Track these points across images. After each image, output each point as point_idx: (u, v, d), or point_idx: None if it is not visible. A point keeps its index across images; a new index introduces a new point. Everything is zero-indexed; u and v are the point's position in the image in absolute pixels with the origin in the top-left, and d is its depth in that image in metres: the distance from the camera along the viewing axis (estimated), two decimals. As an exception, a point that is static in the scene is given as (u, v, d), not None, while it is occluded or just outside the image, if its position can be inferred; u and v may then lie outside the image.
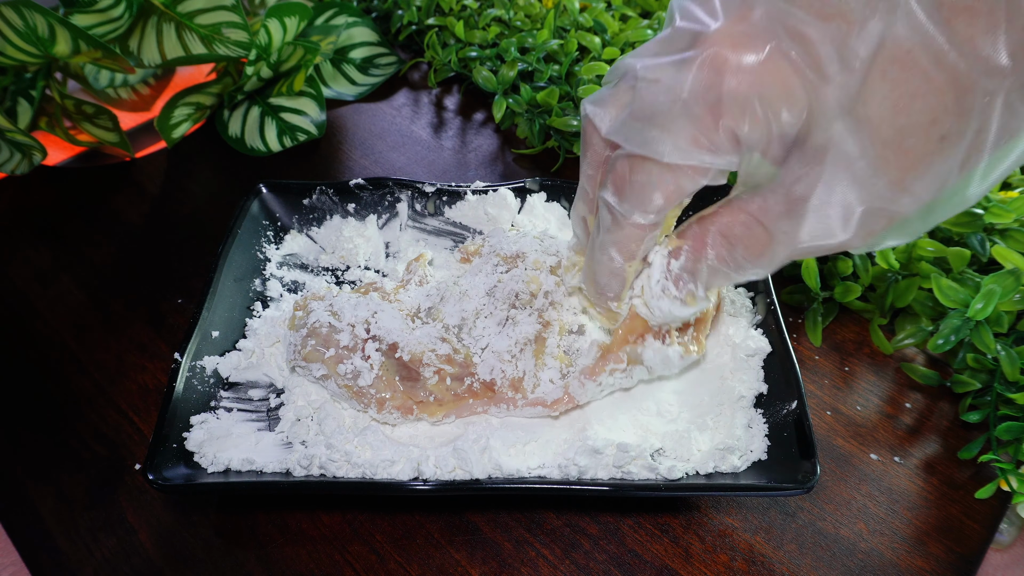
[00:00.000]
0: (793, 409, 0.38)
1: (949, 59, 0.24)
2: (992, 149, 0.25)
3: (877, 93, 0.25)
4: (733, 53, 0.26)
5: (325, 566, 0.37)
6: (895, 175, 0.26)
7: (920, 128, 0.25)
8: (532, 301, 0.40)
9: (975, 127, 0.25)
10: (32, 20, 0.50)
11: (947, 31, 0.23)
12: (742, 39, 0.26)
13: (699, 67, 0.26)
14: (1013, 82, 0.24)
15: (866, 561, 0.38)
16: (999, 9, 0.23)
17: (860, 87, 0.25)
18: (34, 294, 0.51)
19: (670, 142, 0.27)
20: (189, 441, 0.38)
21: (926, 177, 0.26)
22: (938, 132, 0.25)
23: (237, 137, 0.62)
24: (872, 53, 0.24)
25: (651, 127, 0.28)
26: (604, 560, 0.38)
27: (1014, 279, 0.41)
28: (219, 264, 0.45)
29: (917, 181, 0.26)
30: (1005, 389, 0.42)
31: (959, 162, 0.25)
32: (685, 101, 0.27)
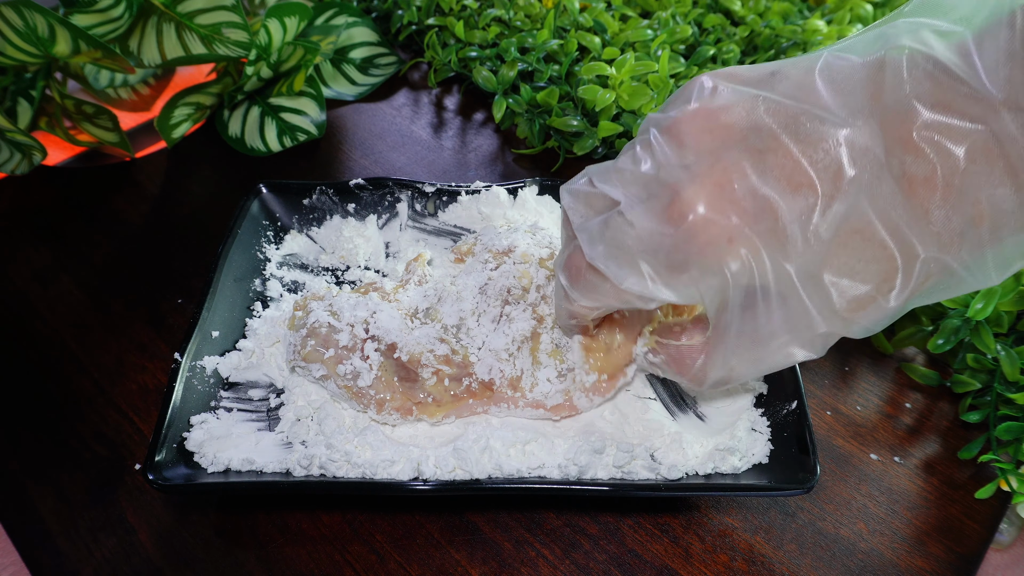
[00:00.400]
0: (793, 409, 0.38)
1: (905, 231, 0.26)
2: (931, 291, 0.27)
3: (836, 260, 0.27)
4: (706, 222, 0.27)
5: (325, 566, 0.37)
6: (846, 318, 0.28)
7: (873, 286, 0.27)
8: (525, 296, 0.40)
9: (919, 280, 0.27)
10: (32, 20, 0.50)
11: (907, 204, 0.25)
12: (716, 208, 0.27)
13: (674, 231, 0.27)
14: (959, 248, 0.26)
15: (866, 561, 0.38)
16: (954, 182, 0.24)
17: (822, 257, 0.27)
18: (34, 294, 0.51)
19: (629, 279, 0.29)
20: (189, 441, 0.38)
21: (868, 315, 0.28)
22: (887, 287, 0.27)
23: (237, 137, 0.62)
24: (836, 228, 0.26)
25: (616, 261, 0.29)
26: (604, 560, 0.38)
27: (1014, 279, 0.41)
28: (219, 264, 0.45)
29: (863, 319, 0.28)
30: (1005, 389, 0.42)
31: (901, 302, 0.27)
32: (654, 256, 0.28)
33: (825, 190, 0.26)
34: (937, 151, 0.24)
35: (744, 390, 0.41)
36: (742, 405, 0.41)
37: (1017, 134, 0.23)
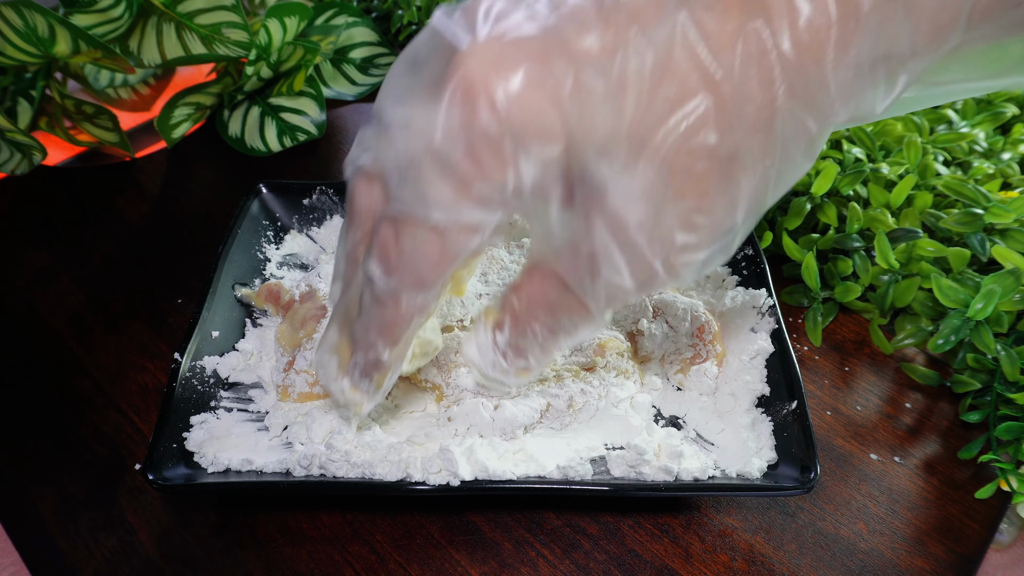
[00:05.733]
0: (793, 409, 0.38)
1: (721, 76, 0.21)
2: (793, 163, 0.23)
3: (657, 116, 0.22)
4: (487, 80, 0.22)
5: (325, 566, 0.37)
6: (689, 204, 0.23)
7: (705, 151, 0.22)
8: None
9: (760, 143, 0.22)
10: (32, 20, 0.50)
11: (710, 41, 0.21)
12: (500, 61, 0.22)
13: (449, 102, 0.22)
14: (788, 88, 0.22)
15: (866, 561, 0.38)
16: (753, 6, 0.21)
17: (639, 116, 0.22)
18: (34, 294, 0.51)
19: (434, 197, 0.23)
20: (189, 441, 0.38)
21: (724, 200, 0.23)
22: (725, 153, 0.22)
23: (237, 137, 0.62)
24: (648, 75, 0.21)
25: (409, 182, 0.24)
26: (604, 560, 0.38)
27: (1014, 279, 0.41)
28: (219, 264, 0.45)
29: (715, 207, 0.23)
30: (1005, 389, 0.42)
31: (759, 178, 0.23)
32: (438, 146, 0.23)
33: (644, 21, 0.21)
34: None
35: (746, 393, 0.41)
36: (746, 407, 0.41)
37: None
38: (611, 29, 0.21)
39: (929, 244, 0.46)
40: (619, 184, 0.22)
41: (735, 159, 0.22)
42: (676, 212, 0.23)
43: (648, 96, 0.22)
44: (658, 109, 0.22)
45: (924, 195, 0.50)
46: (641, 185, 0.22)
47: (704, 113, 0.22)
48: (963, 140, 0.56)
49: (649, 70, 0.21)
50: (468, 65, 0.22)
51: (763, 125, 0.22)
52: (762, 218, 0.54)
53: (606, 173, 0.22)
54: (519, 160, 0.22)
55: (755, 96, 0.22)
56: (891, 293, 0.47)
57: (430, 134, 0.23)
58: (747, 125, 0.22)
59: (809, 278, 0.49)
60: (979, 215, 0.46)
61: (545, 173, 0.23)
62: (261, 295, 0.45)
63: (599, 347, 0.40)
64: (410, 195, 0.24)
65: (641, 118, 0.22)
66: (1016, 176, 0.54)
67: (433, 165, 0.23)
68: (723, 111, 0.22)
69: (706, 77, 0.21)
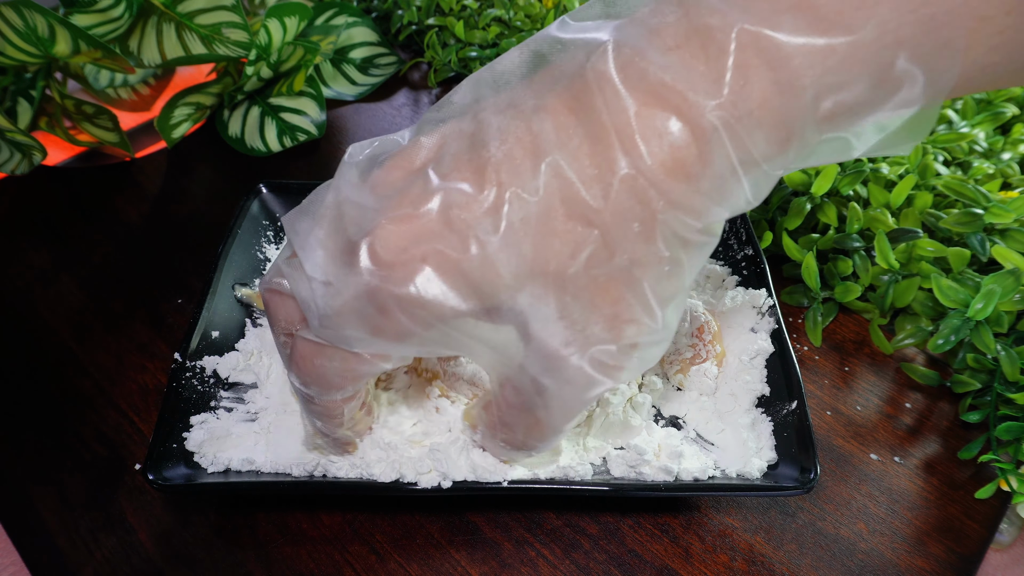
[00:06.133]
0: (793, 409, 0.38)
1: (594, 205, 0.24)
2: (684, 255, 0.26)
3: (553, 251, 0.25)
4: (393, 263, 0.25)
5: (325, 566, 0.37)
6: (608, 313, 0.26)
7: (603, 270, 0.25)
8: None
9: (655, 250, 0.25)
10: (32, 20, 0.50)
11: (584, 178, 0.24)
12: (400, 246, 0.25)
13: (362, 274, 0.25)
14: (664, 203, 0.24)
15: (866, 561, 0.38)
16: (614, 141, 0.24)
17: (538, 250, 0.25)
18: (34, 294, 0.51)
19: (352, 337, 0.27)
20: (189, 441, 0.38)
21: (639, 303, 0.26)
22: (624, 263, 0.25)
23: (237, 137, 0.62)
24: (538, 209, 0.24)
25: (330, 328, 0.27)
26: (604, 560, 0.38)
27: (1014, 279, 0.41)
28: (219, 264, 0.45)
29: (630, 310, 0.26)
30: (1005, 389, 0.42)
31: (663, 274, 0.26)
32: (356, 305, 0.26)
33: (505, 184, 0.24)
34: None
35: (747, 393, 0.41)
36: (746, 407, 0.41)
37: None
38: (491, 186, 0.24)
39: (929, 244, 0.46)
40: (537, 313, 0.26)
41: (635, 265, 0.25)
42: (598, 323, 0.26)
43: (540, 236, 0.24)
44: (553, 245, 0.25)
45: (924, 195, 0.50)
46: (556, 310, 0.25)
47: (594, 239, 0.24)
48: (963, 140, 0.56)
49: (535, 214, 0.24)
50: (374, 245, 0.25)
51: (649, 235, 0.25)
52: (762, 218, 0.54)
53: (523, 306, 0.25)
54: (435, 320, 0.26)
55: (636, 214, 0.24)
56: (891, 293, 0.47)
57: (346, 294, 0.26)
58: (635, 239, 0.25)
59: (809, 278, 0.49)
60: (979, 215, 0.46)
61: (460, 319, 0.26)
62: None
63: None
64: (331, 335, 0.27)
65: (539, 255, 0.25)
66: (1016, 176, 0.54)
67: (350, 316, 0.26)
68: (609, 234, 0.24)
69: (588, 210, 0.24)
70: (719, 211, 0.25)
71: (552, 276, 0.25)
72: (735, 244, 0.48)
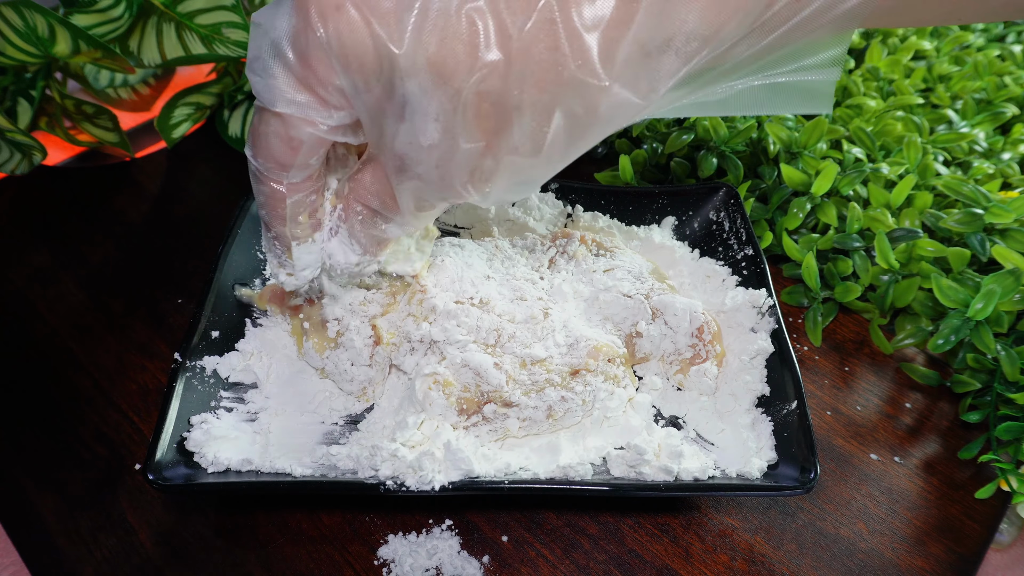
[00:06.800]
0: (793, 409, 0.38)
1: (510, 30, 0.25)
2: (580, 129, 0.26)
3: (454, 54, 0.25)
4: (318, 2, 0.26)
5: (325, 566, 0.37)
6: (476, 136, 0.27)
7: (493, 95, 0.26)
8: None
9: (546, 100, 0.26)
10: (32, 20, 0.50)
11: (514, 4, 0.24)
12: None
13: (288, 11, 0.27)
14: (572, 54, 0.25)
15: (866, 561, 0.38)
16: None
17: (437, 50, 0.25)
18: (34, 294, 0.51)
19: (275, 89, 0.28)
20: (189, 441, 0.38)
21: (507, 143, 0.27)
22: (511, 103, 0.26)
23: (237, 137, 0.62)
24: (450, 18, 0.25)
25: (259, 75, 0.28)
26: (604, 560, 0.38)
27: (1014, 279, 0.41)
28: (219, 264, 0.45)
29: (499, 146, 0.27)
30: (1005, 389, 0.42)
31: (541, 135, 0.27)
32: (278, 47, 0.27)
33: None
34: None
35: (747, 393, 0.41)
36: (747, 407, 0.41)
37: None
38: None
39: (929, 244, 0.46)
40: (419, 103, 0.26)
41: (520, 109, 0.26)
42: (465, 141, 0.27)
43: (448, 35, 0.25)
44: (455, 48, 0.25)
45: (924, 195, 0.50)
46: (436, 109, 0.26)
47: (494, 62, 0.25)
48: (963, 140, 0.56)
49: (453, 11, 0.25)
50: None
51: (547, 87, 0.25)
52: (762, 218, 0.54)
53: (410, 91, 0.26)
54: (339, 66, 0.26)
55: (542, 59, 0.25)
56: (891, 293, 0.47)
57: (273, 36, 0.27)
58: (532, 84, 0.25)
59: (809, 278, 0.49)
60: (979, 215, 0.46)
61: (365, 81, 0.27)
62: (265, 296, 0.45)
63: (593, 349, 0.39)
64: (260, 86, 0.28)
65: (440, 53, 0.25)
66: (1016, 176, 0.54)
67: (273, 61, 0.27)
68: (510, 64, 0.25)
69: (502, 32, 0.25)
70: (622, 92, 0.25)
71: (444, 77, 0.26)
72: (735, 244, 0.48)
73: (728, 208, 0.49)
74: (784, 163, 0.53)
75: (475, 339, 0.39)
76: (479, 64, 0.25)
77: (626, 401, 0.40)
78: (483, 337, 0.39)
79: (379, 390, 0.41)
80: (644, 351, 0.43)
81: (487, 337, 0.39)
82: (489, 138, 0.27)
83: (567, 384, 0.39)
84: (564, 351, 0.39)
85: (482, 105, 0.26)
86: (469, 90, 0.26)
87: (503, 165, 0.28)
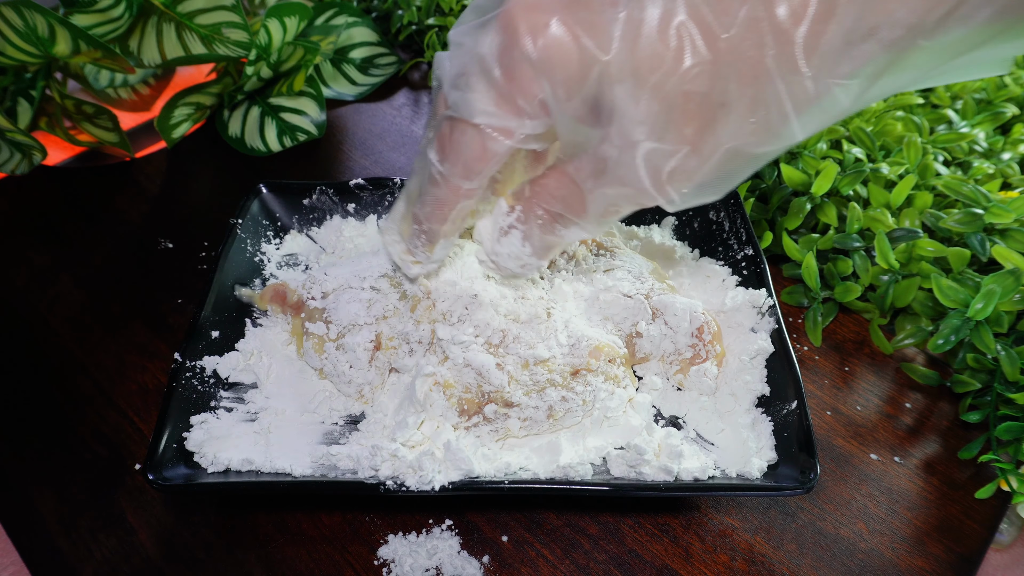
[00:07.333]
0: (793, 409, 0.38)
1: (715, 31, 0.25)
2: (779, 115, 0.27)
3: (660, 58, 0.26)
4: (526, 17, 0.27)
5: (325, 566, 0.37)
6: (683, 136, 0.27)
7: (699, 95, 0.26)
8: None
9: (750, 95, 0.26)
10: (32, 20, 0.50)
11: (718, 8, 0.25)
12: (534, 6, 0.27)
13: (495, 30, 0.28)
14: (776, 48, 0.25)
15: (866, 561, 0.38)
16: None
17: (645, 55, 0.26)
18: (34, 294, 0.51)
19: (477, 104, 0.29)
20: (189, 441, 0.38)
21: (712, 139, 0.27)
22: (717, 99, 0.26)
23: (237, 137, 0.62)
24: (656, 24, 0.26)
25: (461, 89, 0.29)
26: (604, 560, 0.38)
27: (1014, 279, 0.41)
28: (219, 264, 0.45)
29: (704, 143, 0.28)
30: (1005, 389, 0.42)
31: (747, 128, 0.27)
32: (484, 63, 0.28)
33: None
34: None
35: (747, 393, 0.41)
36: (747, 407, 0.41)
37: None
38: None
39: (929, 244, 0.46)
40: (626, 109, 0.27)
41: (725, 106, 0.27)
42: (670, 142, 0.28)
43: (655, 40, 0.26)
44: (662, 52, 0.26)
45: (924, 195, 0.50)
46: (644, 113, 0.27)
47: (701, 63, 0.26)
48: (963, 140, 0.56)
49: (658, 19, 0.25)
50: (511, 5, 0.27)
51: (752, 81, 0.26)
52: (762, 218, 0.54)
53: (618, 98, 0.27)
54: (544, 79, 0.27)
55: (748, 55, 0.25)
56: (891, 293, 0.47)
57: (478, 53, 0.28)
58: (738, 79, 0.26)
59: (809, 278, 0.49)
60: (979, 215, 0.46)
61: (568, 91, 0.28)
62: (266, 296, 0.45)
63: (595, 349, 0.39)
64: (459, 99, 0.30)
65: (647, 58, 0.26)
66: (1016, 176, 0.54)
67: (477, 77, 0.29)
68: (718, 64, 0.26)
69: (707, 33, 0.25)
70: (824, 83, 0.26)
71: (651, 82, 0.26)
72: (735, 244, 0.48)
73: (728, 208, 0.49)
74: (784, 163, 0.53)
75: (482, 339, 0.39)
76: (687, 65, 0.26)
77: (626, 401, 0.40)
78: (488, 336, 0.39)
79: (377, 393, 0.41)
80: (644, 351, 0.43)
81: (492, 337, 0.39)
82: (694, 138, 0.28)
83: (568, 384, 0.39)
84: (566, 351, 0.39)
85: (688, 105, 0.27)
86: (676, 91, 0.26)
87: (707, 164, 0.28)
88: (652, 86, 0.26)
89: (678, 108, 0.27)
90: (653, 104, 0.27)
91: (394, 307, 0.41)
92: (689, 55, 0.26)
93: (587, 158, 0.30)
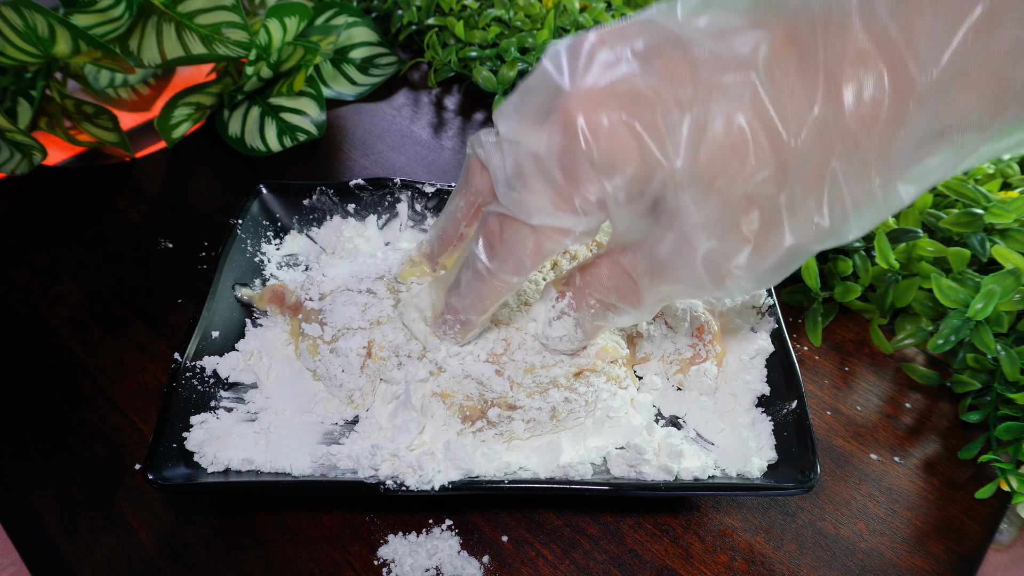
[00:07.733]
0: (793, 409, 0.38)
1: (784, 138, 0.25)
2: (840, 215, 0.26)
3: (726, 164, 0.25)
4: (587, 116, 0.26)
5: (325, 566, 0.37)
6: (744, 237, 0.27)
7: (765, 196, 0.26)
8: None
9: (815, 197, 0.26)
10: (32, 20, 0.50)
11: (781, 109, 0.24)
12: (595, 105, 0.26)
13: (553, 128, 0.27)
14: (844, 153, 0.25)
15: (866, 561, 0.38)
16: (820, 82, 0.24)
17: (710, 161, 0.25)
18: (34, 294, 0.51)
19: (534, 204, 0.28)
20: (189, 441, 0.38)
21: (775, 239, 0.27)
22: (782, 202, 0.26)
23: (237, 137, 0.62)
24: (722, 130, 0.25)
25: (517, 189, 0.29)
26: (604, 560, 0.38)
27: (1014, 279, 0.41)
28: (219, 264, 0.45)
29: (766, 243, 0.27)
30: (1005, 389, 0.42)
31: (810, 228, 0.27)
32: (541, 163, 0.27)
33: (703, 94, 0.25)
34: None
35: (747, 393, 0.41)
36: (747, 406, 0.41)
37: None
38: (696, 85, 0.25)
39: (929, 244, 0.46)
40: (689, 214, 0.27)
41: (789, 208, 0.26)
42: (732, 242, 0.27)
43: (722, 146, 0.25)
44: (727, 159, 0.25)
45: (924, 195, 0.50)
46: (707, 218, 0.27)
47: (768, 169, 0.25)
48: (963, 140, 0.56)
49: (723, 124, 0.25)
50: (569, 103, 0.26)
51: (817, 184, 0.25)
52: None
53: (682, 203, 0.27)
54: (605, 182, 0.27)
55: (814, 160, 0.25)
56: (891, 293, 0.47)
57: (535, 153, 0.28)
58: (803, 184, 0.25)
59: (809, 278, 0.49)
60: (979, 215, 0.46)
61: (630, 194, 0.27)
62: (265, 296, 0.45)
63: (601, 350, 0.39)
64: (515, 200, 0.29)
65: (712, 163, 0.25)
66: (1016, 176, 0.54)
67: (535, 177, 0.28)
68: (784, 170, 0.25)
69: (775, 138, 0.25)
70: (889, 185, 0.25)
71: (717, 188, 0.26)
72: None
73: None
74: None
75: (484, 354, 0.39)
76: (753, 172, 0.25)
77: (629, 401, 0.40)
78: (490, 348, 0.39)
79: (368, 400, 0.41)
80: (645, 351, 0.43)
81: (495, 347, 0.39)
82: (756, 237, 0.27)
83: (571, 385, 0.39)
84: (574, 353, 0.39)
85: (752, 207, 0.26)
86: (741, 195, 0.26)
87: (767, 261, 0.28)
88: (716, 191, 0.26)
89: (741, 211, 0.26)
90: (716, 209, 0.26)
91: (388, 315, 0.41)
92: (756, 162, 0.25)
93: (643, 255, 0.30)
